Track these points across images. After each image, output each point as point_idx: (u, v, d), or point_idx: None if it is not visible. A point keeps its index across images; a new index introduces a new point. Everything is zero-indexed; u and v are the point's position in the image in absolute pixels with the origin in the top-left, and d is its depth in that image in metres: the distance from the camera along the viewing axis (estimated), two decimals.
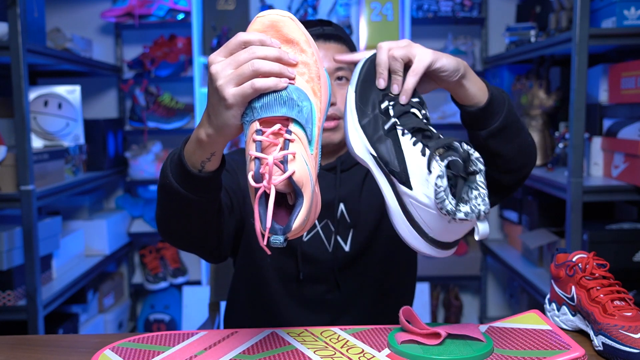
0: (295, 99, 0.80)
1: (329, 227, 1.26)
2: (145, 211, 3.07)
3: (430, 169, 0.81)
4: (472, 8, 3.00)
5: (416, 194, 0.84)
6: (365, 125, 0.90)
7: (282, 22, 0.83)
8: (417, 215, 0.85)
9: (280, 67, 0.81)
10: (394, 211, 0.88)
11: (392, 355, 0.93)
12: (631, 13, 1.93)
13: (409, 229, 0.87)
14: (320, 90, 0.83)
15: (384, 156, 0.87)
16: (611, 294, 1.00)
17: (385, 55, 0.92)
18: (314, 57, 0.84)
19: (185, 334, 1.02)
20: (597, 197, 2.00)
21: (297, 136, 0.79)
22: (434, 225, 0.84)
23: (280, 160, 0.76)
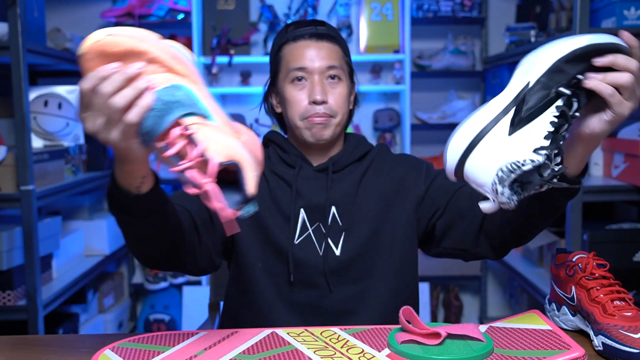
0: (169, 99, 0.81)
1: (321, 230, 1.24)
2: None
3: (535, 153, 0.84)
4: (472, 8, 3.00)
5: (506, 141, 0.86)
6: (558, 67, 0.87)
7: (103, 45, 0.81)
8: (485, 145, 0.87)
9: (134, 89, 0.79)
10: (478, 120, 0.88)
11: (392, 355, 0.93)
12: (631, 13, 1.93)
13: (465, 141, 0.88)
14: (182, 69, 0.84)
15: (530, 96, 0.87)
16: (611, 294, 1.00)
17: (625, 65, 0.87)
18: (154, 49, 0.81)
19: (185, 334, 1.02)
20: (597, 197, 2.00)
21: (196, 124, 0.81)
22: (481, 162, 0.87)
23: (199, 155, 0.80)
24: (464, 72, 3.01)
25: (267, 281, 1.24)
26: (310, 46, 1.24)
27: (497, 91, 2.19)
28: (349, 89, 1.28)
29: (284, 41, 1.27)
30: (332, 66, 1.23)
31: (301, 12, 2.96)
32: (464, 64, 3.00)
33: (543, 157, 0.84)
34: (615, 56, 0.87)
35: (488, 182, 0.86)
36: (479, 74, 3.06)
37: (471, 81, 3.16)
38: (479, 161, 0.87)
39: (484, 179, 0.87)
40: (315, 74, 1.23)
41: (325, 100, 1.22)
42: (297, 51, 1.24)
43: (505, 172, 0.84)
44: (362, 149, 1.31)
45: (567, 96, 0.87)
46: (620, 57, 0.87)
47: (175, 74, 0.83)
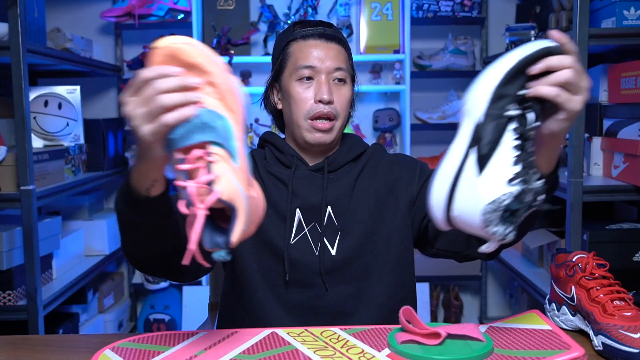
0: (208, 122, 0.82)
1: (317, 229, 1.24)
2: None
3: (509, 184, 0.84)
4: (472, 8, 3.00)
5: (479, 182, 0.85)
6: (498, 94, 0.87)
7: (178, 49, 0.84)
8: (462, 192, 0.87)
9: (184, 96, 0.82)
10: (446, 173, 0.88)
11: (392, 355, 0.93)
12: (631, 13, 1.93)
13: (442, 195, 0.88)
14: (233, 104, 0.85)
15: (484, 131, 0.86)
16: (611, 294, 1.00)
17: (560, 64, 0.87)
18: (220, 74, 0.84)
19: (185, 334, 1.02)
20: (597, 197, 1.99)
21: (218, 156, 0.82)
22: (464, 209, 0.86)
23: (207, 183, 0.80)
24: (464, 72, 3.01)
25: (263, 281, 1.24)
26: (320, 46, 1.25)
27: None
28: (352, 92, 1.29)
29: (291, 38, 1.28)
30: (340, 68, 1.25)
31: (301, 12, 2.96)
32: (464, 64, 3.00)
33: (518, 186, 0.84)
34: (547, 59, 0.87)
35: (478, 228, 0.86)
36: (478, 74, 3.05)
37: (471, 81, 3.10)
38: (461, 211, 0.87)
39: (473, 226, 0.87)
40: (322, 73, 1.24)
41: (331, 100, 1.23)
42: (306, 49, 1.25)
43: (489, 214, 0.84)
44: (357, 149, 1.32)
45: (518, 115, 0.86)
46: (552, 58, 0.87)
47: (225, 105, 0.85)
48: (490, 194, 0.84)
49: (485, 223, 0.84)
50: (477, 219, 0.85)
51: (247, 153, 0.86)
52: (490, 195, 0.84)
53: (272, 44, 2.99)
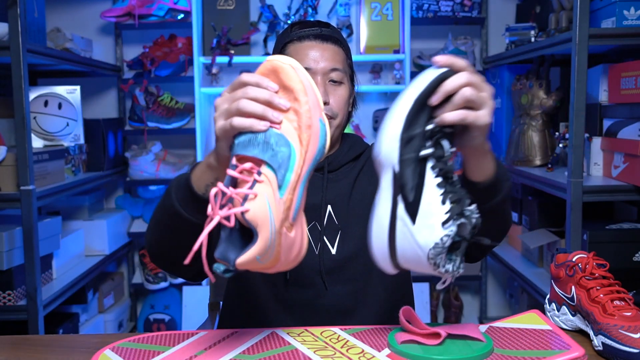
0: (272, 143, 0.83)
1: (317, 229, 1.25)
2: (145, 211, 3.07)
3: (444, 227, 0.84)
4: (472, 8, 3.00)
5: (415, 231, 0.85)
6: (406, 139, 0.86)
7: (281, 68, 0.86)
8: (401, 243, 0.87)
9: (263, 110, 0.84)
10: (380, 226, 0.88)
11: (392, 355, 0.93)
12: (631, 13, 1.93)
13: (383, 247, 0.88)
14: (307, 140, 0.85)
15: (404, 179, 0.86)
16: (611, 294, 1.00)
17: (457, 85, 0.87)
18: (307, 107, 0.85)
19: (185, 334, 1.02)
20: (597, 197, 1.99)
21: (267, 178, 0.82)
22: (409, 257, 0.87)
23: (243, 196, 0.81)
24: None
25: (263, 280, 1.25)
26: (315, 47, 1.25)
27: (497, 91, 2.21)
28: (349, 92, 1.29)
29: (288, 40, 1.28)
30: (335, 69, 1.25)
31: (301, 12, 2.96)
32: None
33: (454, 225, 0.84)
34: (442, 86, 0.86)
35: (429, 270, 0.87)
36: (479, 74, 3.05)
37: None
38: (406, 259, 0.87)
39: (423, 269, 0.87)
40: (318, 74, 1.24)
41: (327, 101, 1.23)
42: (302, 51, 1.25)
43: (434, 258, 0.84)
44: (357, 149, 1.32)
45: (433, 151, 0.86)
46: (446, 83, 0.86)
47: (299, 137, 0.85)
48: (430, 240, 0.84)
49: (434, 266, 0.85)
50: (425, 264, 0.85)
51: (301, 191, 0.85)
52: (430, 241, 0.84)
53: (272, 44, 2.99)
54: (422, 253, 0.85)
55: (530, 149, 2.49)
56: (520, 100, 2.56)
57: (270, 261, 0.84)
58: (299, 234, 0.88)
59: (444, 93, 0.86)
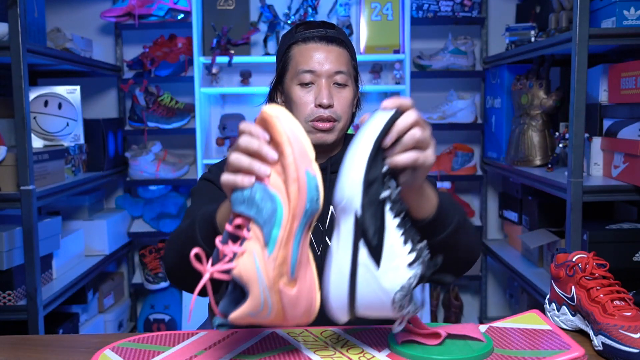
0: (257, 199, 0.82)
1: (319, 229, 1.25)
2: (145, 211, 3.07)
3: (410, 268, 0.84)
4: (472, 8, 3.00)
5: (380, 275, 0.84)
6: (368, 182, 0.85)
7: (267, 120, 0.83)
8: (363, 290, 0.85)
9: (249, 164, 0.83)
10: (340, 275, 0.86)
11: (392, 355, 0.93)
12: (631, 13, 1.93)
13: (342, 297, 0.86)
14: (295, 194, 0.82)
15: (366, 223, 0.85)
16: (611, 294, 1.00)
17: (408, 124, 0.88)
18: (292, 159, 0.81)
19: (185, 334, 1.02)
20: (597, 197, 2.00)
21: (255, 235, 0.81)
22: (371, 303, 0.86)
23: (233, 253, 0.81)
24: (464, 72, 3.01)
25: None
26: (320, 49, 1.25)
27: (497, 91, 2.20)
28: (353, 94, 1.30)
29: (293, 41, 1.28)
30: (340, 71, 1.25)
31: (301, 12, 2.96)
32: (464, 64, 3.00)
33: (420, 267, 0.84)
34: (395, 127, 0.86)
35: (388, 314, 0.86)
36: (479, 74, 3.06)
37: (471, 81, 3.16)
38: (367, 306, 0.86)
39: (381, 315, 0.87)
40: (322, 77, 1.24)
41: (331, 104, 1.24)
42: (307, 53, 1.25)
43: (400, 301, 0.84)
44: None
45: (389, 193, 0.85)
46: (398, 124, 0.86)
47: (286, 191, 0.82)
48: (396, 283, 0.84)
49: (399, 309, 0.85)
50: (389, 308, 0.85)
51: (295, 247, 0.82)
52: (396, 284, 0.84)
53: (272, 44, 2.99)
54: (387, 298, 0.84)
55: (530, 149, 2.49)
56: (520, 100, 2.56)
57: (272, 318, 0.84)
58: (305, 289, 0.85)
59: (396, 134, 0.87)
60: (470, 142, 3.13)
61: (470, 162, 3.01)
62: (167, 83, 3.06)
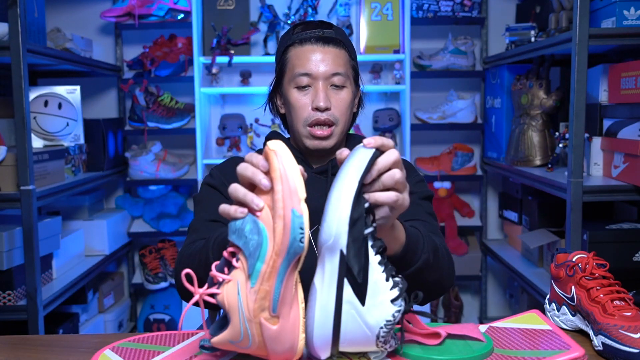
0: (245, 231, 0.83)
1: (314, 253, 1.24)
2: (145, 211, 3.07)
3: (395, 304, 0.85)
4: (472, 8, 3.00)
5: (365, 312, 0.85)
6: (353, 220, 0.85)
7: (267, 153, 0.84)
8: (348, 327, 0.86)
9: (244, 195, 0.84)
10: (325, 313, 0.86)
11: (392, 355, 0.93)
12: (631, 13, 1.93)
13: (327, 334, 0.86)
14: (279, 231, 0.82)
15: (352, 261, 0.85)
16: (611, 294, 1.00)
17: (389, 164, 0.88)
18: (280, 196, 0.82)
19: (185, 334, 1.02)
20: (597, 197, 2.00)
21: (241, 265, 0.83)
22: (355, 339, 0.86)
23: (221, 279, 0.84)
24: (464, 72, 3.01)
25: None
26: (316, 51, 1.24)
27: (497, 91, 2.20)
28: (352, 94, 1.28)
29: (290, 43, 1.27)
30: (337, 73, 1.23)
31: (301, 12, 2.96)
32: (464, 64, 3.00)
33: (403, 302, 0.85)
34: (376, 165, 0.87)
35: (371, 349, 0.87)
36: (479, 74, 3.06)
37: (471, 81, 3.16)
38: (352, 341, 0.86)
39: (365, 349, 0.88)
40: (319, 79, 1.23)
41: (328, 107, 1.23)
42: (303, 55, 1.24)
43: (385, 336, 0.85)
44: None
45: (372, 230, 0.86)
46: (379, 162, 0.87)
47: (273, 227, 0.83)
48: (381, 319, 0.85)
49: (383, 344, 0.86)
50: (372, 343, 0.86)
51: (278, 283, 0.83)
52: (380, 320, 0.85)
53: (272, 44, 2.99)
54: (372, 333, 0.85)
55: (530, 149, 2.49)
56: (520, 100, 2.56)
57: (253, 349, 0.85)
58: (288, 327, 0.85)
59: (377, 172, 0.87)
60: (470, 142, 3.13)
61: (470, 162, 3.01)
62: (167, 83, 3.06)
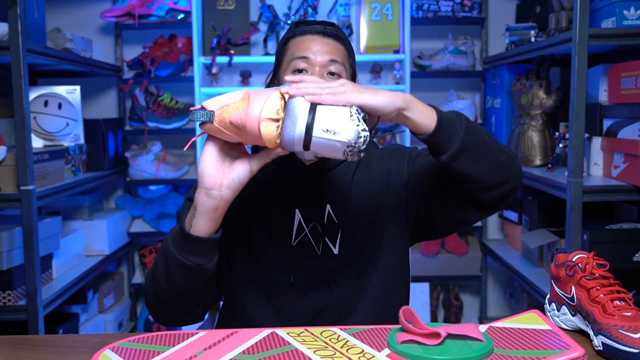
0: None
1: (317, 229, 1.24)
2: (145, 211, 3.07)
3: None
4: (472, 8, 3.00)
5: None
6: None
7: None
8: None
9: None
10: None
11: (392, 355, 0.93)
12: (631, 13, 1.93)
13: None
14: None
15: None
16: (611, 294, 1.00)
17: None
18: None
19: (185, 334, 1.02)
20: (597, 197, 1.99)
21: None
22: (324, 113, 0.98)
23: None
24: (464, 72, 3.01)
25: (265, 290, 1.25)
26: (316, 40, 1.24)
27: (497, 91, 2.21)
28: None
29: (291, 35, 1.27)
30: (334, 60, 1.23)
31: (301, 12, 2.96)
32: (464, 64, 3.00)
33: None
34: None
35: (345, 128, 0.97)
36: (479, 74, 3.06)
37: (471, 81, 3.16)
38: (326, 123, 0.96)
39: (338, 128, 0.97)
40: (316, 66, 1.22)
41: None
42: (302, 44, 1.24)
43: (355, 110, 0.97)
44: None
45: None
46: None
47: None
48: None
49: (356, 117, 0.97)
50: (345, 119, 0.97)
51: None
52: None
53: (272, 44, 2.99)
54: (345, 109, 0.99)
55: (530, 149, 2.49)
56: (520, 100, 2.56)
57: (236, 107, 1.00)
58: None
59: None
60: None
61: None
62: (167, 83, 3.06)
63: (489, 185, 1.10)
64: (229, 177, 1.05)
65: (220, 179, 1.04)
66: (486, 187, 1.10)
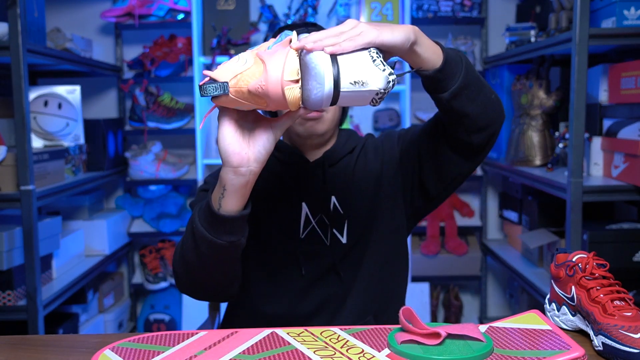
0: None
1: (324, 221, 1.27)
2: (145, 211, 3.07)
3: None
4: (472, 8, 3.00)
5: None
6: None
7: None
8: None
9: None
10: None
11: (392, 355, 0.93)
12: (631, 13, 1.93)
13: None
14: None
15: None
16: (611, 294, 1.00)
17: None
18: None
19: (185, 334, 1.02)
20: (597, 197, 1.99)
21: None
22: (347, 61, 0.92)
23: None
24: None
25: (277, 283, 1.28)
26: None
27: (497, 91, 2.20)
28: None
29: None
30: None
31: (301, 12, 2.96)
32: None
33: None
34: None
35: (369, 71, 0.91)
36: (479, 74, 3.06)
37: None
38: (349, 67, 0.91)
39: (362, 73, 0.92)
40: None
41: None
42: None
43: (375, 53, 0.92)
44: (352, 142, 1.35)
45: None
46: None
47: None
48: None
49: (375, 60, 0.92)
50: (367, 60, 0.91)
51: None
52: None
53: None
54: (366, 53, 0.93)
55: (530, 149, 2.49)
56: (520, 100, 2.56)
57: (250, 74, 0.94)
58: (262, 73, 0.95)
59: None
60: None
61: None
62: (167, 83, 3.06)
63: (481, 124, 1.12)
64: (254, 149, 1.00)
65: (246, 154, 0.99)
66: (479, 127, 1.12)
